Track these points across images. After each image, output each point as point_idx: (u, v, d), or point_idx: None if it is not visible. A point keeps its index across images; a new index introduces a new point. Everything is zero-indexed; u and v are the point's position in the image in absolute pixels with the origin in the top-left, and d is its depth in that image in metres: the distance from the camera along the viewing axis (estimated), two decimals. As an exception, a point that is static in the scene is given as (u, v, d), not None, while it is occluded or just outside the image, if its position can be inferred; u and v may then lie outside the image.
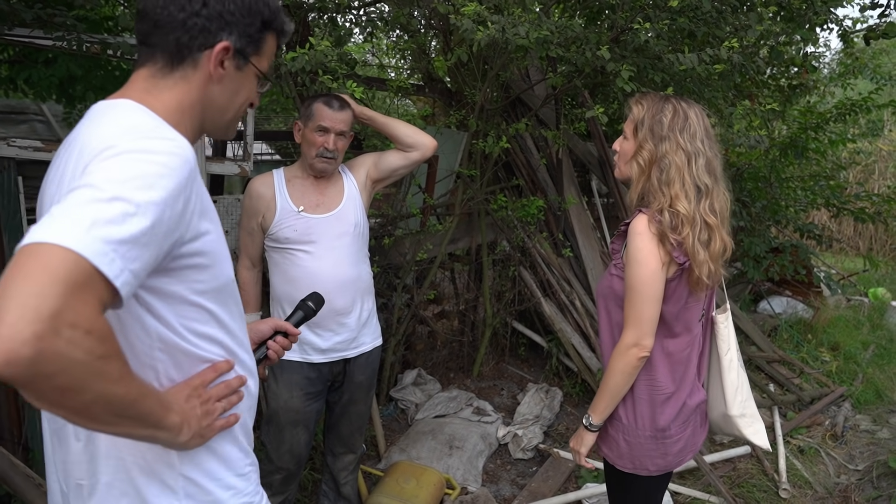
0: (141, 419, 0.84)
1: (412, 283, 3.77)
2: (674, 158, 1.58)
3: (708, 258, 1.57)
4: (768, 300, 5.61)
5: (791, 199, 5.55)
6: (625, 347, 1.61)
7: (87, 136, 0.90)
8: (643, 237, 1.56)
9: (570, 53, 2.68)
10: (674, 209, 1.56)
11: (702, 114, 1.65)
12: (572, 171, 4.29)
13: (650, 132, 1.62)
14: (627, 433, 1.71)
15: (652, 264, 1.56)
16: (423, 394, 3.84)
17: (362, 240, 2.32)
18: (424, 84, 4.31)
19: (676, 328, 1.66)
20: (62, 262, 0.69)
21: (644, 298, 1.57)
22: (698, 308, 1.70)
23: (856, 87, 6.35)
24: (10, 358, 0.65)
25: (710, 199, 1.59)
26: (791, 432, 3.73)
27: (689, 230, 1.55)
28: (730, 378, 1.79)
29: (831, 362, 4.72)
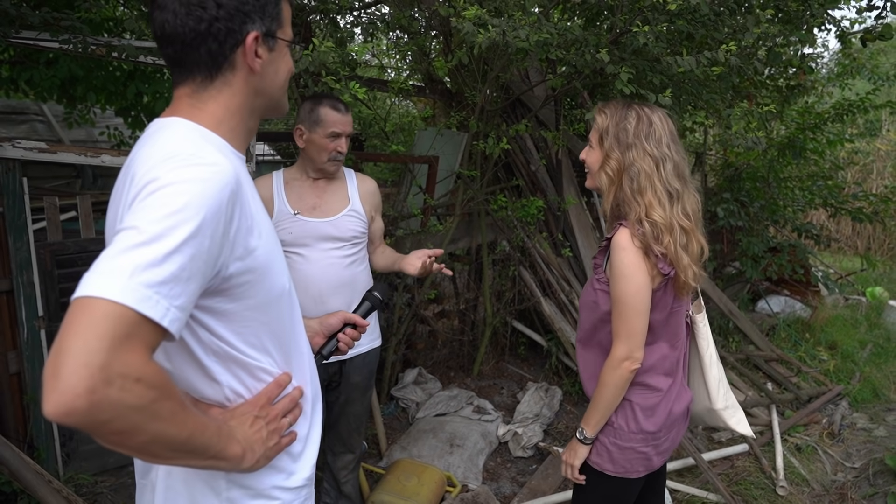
0: (200, 452, 0.88)
1: (413, 283, 3.80)
2: (642, 166, 1.58)
3: (690, 262, 1.59)
4: (766, 300, 5.64)
5: (789, 199, 5.58)
6: (617, 361, 1.61)
7: (139, 161, 0.92)
8: (628, 252, 1.57)
9: (570, 55, 2.71)
10: (650, 218, 1.56)
11: (665, 118, 1.65)
12: (572, 172, 4.32)
13: (616, 140, 1.62)
14: (618, 437, 1.71)
15: (639, 278, 1.56)
16: (424, 392, 3.87)
17: (360, 245, 2.32)
18: (425, 85, 4.34)
19: (664, 334, 1.68)
20: (107, 317, 0.74)
21: (633, 312, 1.58)
22: (683, 311, 1.72)
23: (854, 87, 6.39)
24: (68, 410, 0.72)
25: (682, 203, 1.60)
26: (788, 430, 3.76)
27: (670, 237, 1.56)
28: (712, 374, 1.83)
29: (829, 361, 4.75)
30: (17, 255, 2.73)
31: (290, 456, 1.10)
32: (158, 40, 0.99)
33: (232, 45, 0.99)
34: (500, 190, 4.16)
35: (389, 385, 3.88)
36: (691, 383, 1.90)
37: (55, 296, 2.88)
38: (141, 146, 0.97)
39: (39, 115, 6.28)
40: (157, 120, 1.02)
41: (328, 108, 2.15)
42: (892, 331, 5.41)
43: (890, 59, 10.41)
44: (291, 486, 1.09)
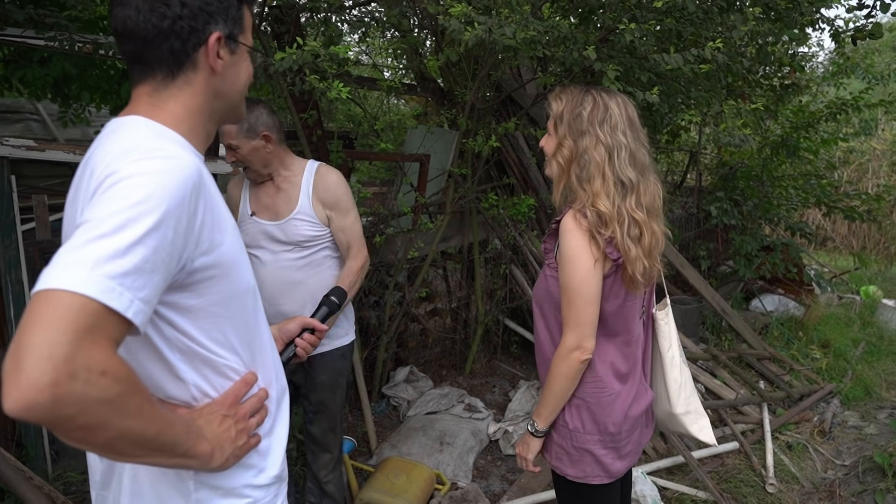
0: (167, 450, 0.87)
1: (404, 281, 3.80)
2: (593, 154, 1.51)
3: (641, 254, 1.51)
4: (760, 298, 5.65)
5: (783, 198, 5.59)
6: (566, 351, 1.54)
7: (97, 157, 0.91)
8: (574, 234, 1.49)
9: (559, 53, 2.71)
10: (595, 208, 1.49)
11: (625, 104, 1.58)
12: (564, 170, 4.32)
13: (569, 128, 1.55)
14: (575, 439, 1.63)
15: (586, 261, 1.49)
16: (415, 391, 3.87)
17: (315, 248, 2.22)
18: (417, 83, 4.34)
19: (616, 326, 1.61)
20: (70, 308, 0.73)
21: (581, 298, 1.50)
22: (637, 305, 1.65)
23: (848, 86, 6.39)
24: (30, 404, 0.70)
25: (637, 194, 1.52)
26: (779, 428, 3.77)
27: (617, 227, 1.49)
28: (672, 375, 1.75)
29: (821, 359, 4.75)
30: (6, 253, 2.72)
31: (259, 453, 1.09)
32: (119, 36, 0.98)
33: (195, 44, 0.98)
34: (492, 188, 4.17)
35: (381, 383, 3.88)
36: (653, 385, 1.83)
37: (44, 294, 2.87)
38: (99, 143, 0.97)
39: (34, 114, 6.27)
40: (114, 119, 1.00)
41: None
42: (885, 329, 5.42)
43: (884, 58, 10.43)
44: (261, 484, 1.08)
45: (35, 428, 2.88)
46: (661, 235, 1.58)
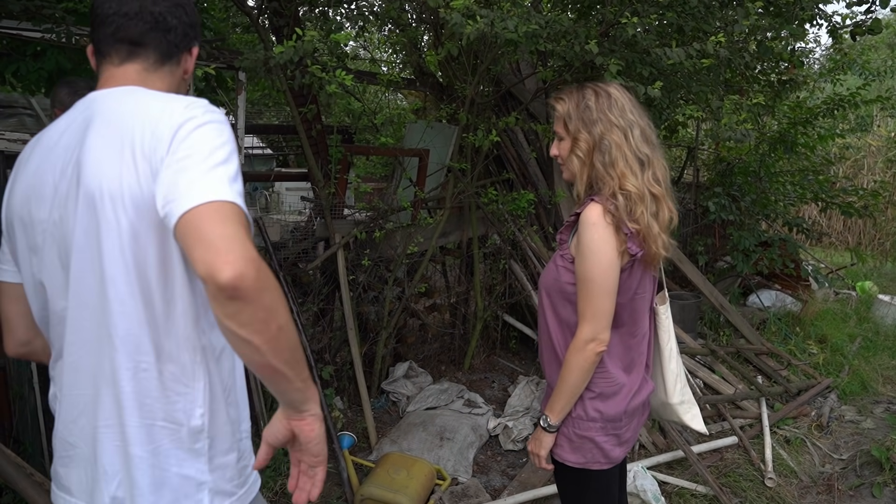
0: (300, 365, 0.97)
1: (403, 277, 3.79)
2: (612, 138, 1.54)
3: (661, 230, 1.54)
4: (757, 294, 5.66)
5: (780, 194, 5.60)
6: (582, 343, 1.55)
7: (131, 119, 1.02)
8: (598, 227, 1.51)
9: (560, 47, 2.70)
10: (625, 190, 1.52)
11: (622, 89, 1.63)
12: (563, 165, 4.31)
13: (581, 121, 1.58)
14: (577, 426, 1.65)
15: (609, 255, 1.51)
16: (415, 386, 3.87)
17: None
18: (416, 78, 4.33)
19: (624, 318, 1.63)
20: (236, 213, 0.92)
21: (601, 291, 1.52)
22: (647, 298, 1.67)
23: (845, 82, 6.40)
24: (242, 274, 0.86)
25: (653, 169, 1.56)
26: (778, 423, 3.78)
27: (643, 207, 1.51)
28: (670, 367, 1.79)
29: (818, 354, 4.77)
30: (3, 247, 2.70)
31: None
32: (128, 17, 1.12)
33: (185, 47, 1.20)
34: (491, 183, 4.16)
35: (380, 379, 3.87)
36: (651, 375, 1.86)
37: (41, 289, 2.85)
38: (111, 109, 1.06)
39: (28, 109, 6.22)
40: (112, 89, 1.11)
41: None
42: (880, 325, 5.44)
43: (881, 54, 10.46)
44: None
45: (32, 424, 2.86)
46: (674, 210, 1.60)
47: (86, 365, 1.06)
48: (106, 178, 1.00)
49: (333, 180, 3.30)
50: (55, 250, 1.07)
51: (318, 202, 3.34)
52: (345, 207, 3.47)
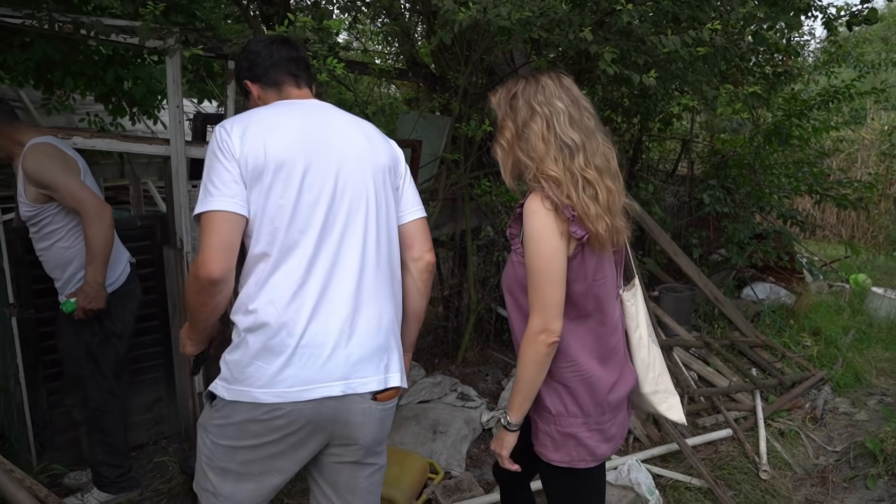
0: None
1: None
2: (532, 126, 1.54)
3: (601, 212, 1.51)
4: (752, 286, 5.65)
5: (775, 186, 5.58)
6: (532, 335, 1.52)
7: (371, 131, 1.73)
8: (537, 214, 1.49)
9: (554, 36, 2.66)
10: (545, 174, 1.51)
11: (559, 77, 1.60)
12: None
13: (508, 109, 1.59)
14: (559, 423, 1.63)
15: (550, 242, 1.49)
16: (408, 380, 3.83)
17: (37, 225, 2.46)
18: (408, 68, 4.27)
19: (588, 308, 1.59)
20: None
21: (546, 279, 1.49)
22: (609, 285, 1.63)
23: (840, 75, 6.38)
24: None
25: (585, 154, 1.52)
26: (772, 415, 3.77)
27: (571, 188, 1.49)
28: (640, 356, 1.75)
29: (812, 347, 4.77)
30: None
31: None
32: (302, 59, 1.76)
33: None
34: (485, 174, 4.11)
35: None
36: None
37: (27, 282, 2.80)
38: (348, 118, 1.71)
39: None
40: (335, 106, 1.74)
41: None
42: (874, 317, 5.44)
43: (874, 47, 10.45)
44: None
45: (19, 420, 2.81)
46: (618, 192, 1.57)
47: None
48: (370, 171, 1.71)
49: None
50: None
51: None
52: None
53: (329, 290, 1.49)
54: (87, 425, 2.72)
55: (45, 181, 2.39)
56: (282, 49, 1.69)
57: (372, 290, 1.55)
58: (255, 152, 1.46)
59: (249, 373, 1.43)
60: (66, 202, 2.43)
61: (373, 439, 1.58)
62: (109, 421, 2.72)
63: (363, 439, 1.55)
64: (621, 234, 1.59)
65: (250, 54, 1.70)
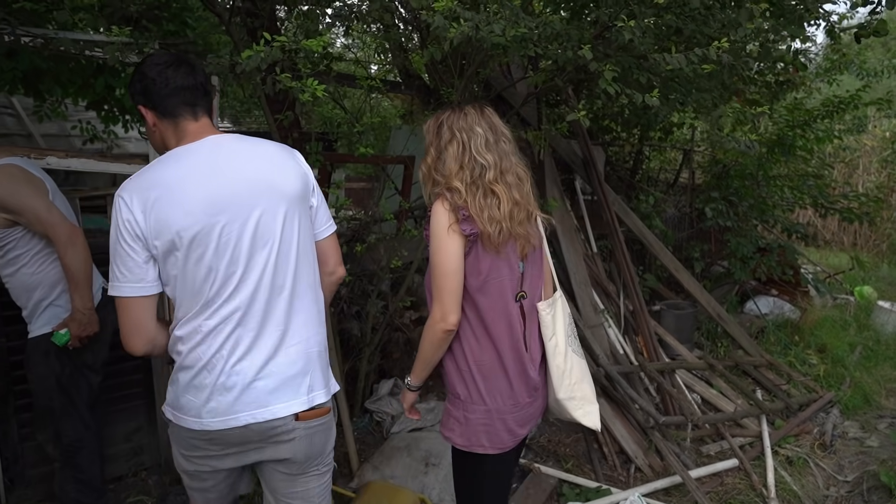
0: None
1: (387, 291, 3.61)
2: (449, 148, 1.73)
3: (498, 216, 1.68)
4: (755, 300, 5.50)
5: (778, 199, 5.44)
6: (433, 321, 1.71)
7: (284, 154, 1.71)
8: (436, 213, 1.69)
9: (551, 51, 2.52)
10: (451, 186, 1.70)
11: (481, 107, 1.80)
12: (555, 172, 4.15)
13: (434, 136, 1.78)
14: (466, 409, 1.79)
15: (445, 237, 1.66)
16: (400, 404, 3.68)
17: (5, 250, 2.33)
18: (402, 81, 4.13)
19: (483, 302, 1.74)
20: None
21: (441, 272, 1.67)
22: (505, 285, 1.75)
23: (842, 83, 6.25)
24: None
25: (497, 171, 1.71)
26: (779, 442, 3.63)
27: (469, 196, 1.67)
28: (555, 363, 1.87)
29: (818, 365, 4.63)
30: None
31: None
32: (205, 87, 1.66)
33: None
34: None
35: (363, 397, 3.69)
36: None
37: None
38: (250, 149, 1.64)
39: (9, 109, 6.00)
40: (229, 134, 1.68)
41: None
42: (881, 332, 5.30)
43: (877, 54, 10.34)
44: None
45: None
46: (525, 205, 1.75)
47: None
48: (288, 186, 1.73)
49: (312, 191, 3.11)
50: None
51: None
52: (325, 219, 3.28)
53: (251, 329, 1.57)
54: (61, 461, 2.57)
55: (9, 206, 2.25)
56: (178, 75, 1.58)
57: (300, 320, 1.64)
58: (163, 230, 1.47)
59: (182, 403, 1.59)
60: (34, 227, 2.30)
61: (304, 455, 1.68)
62: (84, 456, 2.57)
63: (295, 457, 1.66)
64: (526, 242, 1.75)
65: (144, 79, 1.58)
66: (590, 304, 3.99)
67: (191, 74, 1.59)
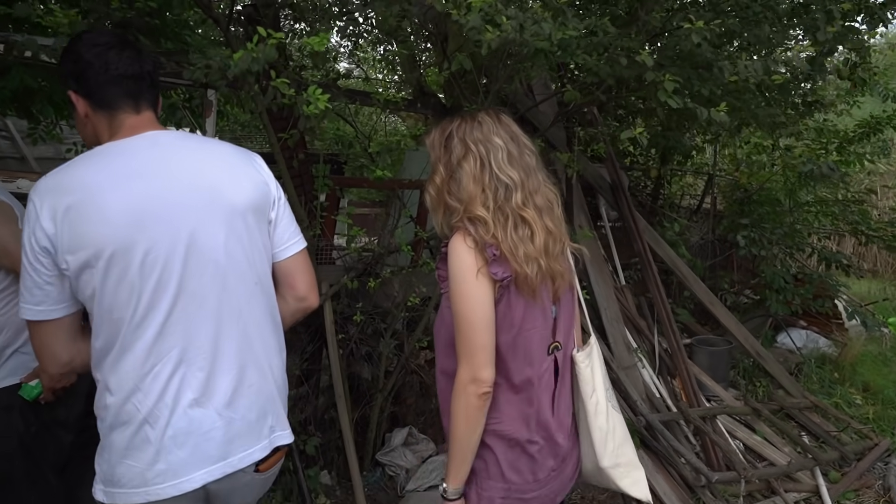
0: None
1: (402, 329, 3.24)
2: (465, 165, 1.41)
3: (534, 252, 1.39)
4: (789, 333, 5.13)
5: (813, 226, 5.11)
6: (461, 386, 1.37)
7: (245, 159, 1.47)
8: (458, 253, 1.37)
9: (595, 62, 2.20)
10: (472, 215, 1.39)
11: (496, 113, 1.49)
12: (582, 197, 3.82)
13: (442, 151, 1.46)
14: (480, 485, 1.47)
15: (473, 283, 1.35)
16: (415, 456, 3.30)
17: None
18: (416, 98, 3.82)
19: (514, 362, 1.43)
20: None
21: (470, 325, 1.35)
22: (539, 337, 1.45)
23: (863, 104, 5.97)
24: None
25: (524, 192, 1.41)
26: (839, 498, 3.24)
27: (499, 228, 1.37)
28: (597, 424, 1.58)
29: (865, 406, 4.25)
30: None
31: None
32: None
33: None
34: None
35: (374, 448, 3.30)
36: (579, 433, 1.67)
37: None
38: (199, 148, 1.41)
39: (3, 131, 5.73)
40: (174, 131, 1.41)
41: None
42: (925, 368, 4.92)
43: (895, 73, 10.10)
44: None
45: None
46: (559, 235, 1.47)
47: None
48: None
49: (319, 219, 2.77)
50: None
51: (301, 244, 2.80)
52: (333, 250, 2.93)
53: (199, 368, 1.33)
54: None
55: None
56: (121, 61, 1.32)
57: (258, 349, 1.41)
58: (77, 243, 1.22)
59: (119, 474, 1.32)
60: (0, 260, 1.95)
61: (253, 499, 1.50)
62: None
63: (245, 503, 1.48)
64: (562, 280, 1.46)
65: (79, 61, 1.32)
66: (623, 342, 3.62)
67: (136, 61, 1.34)
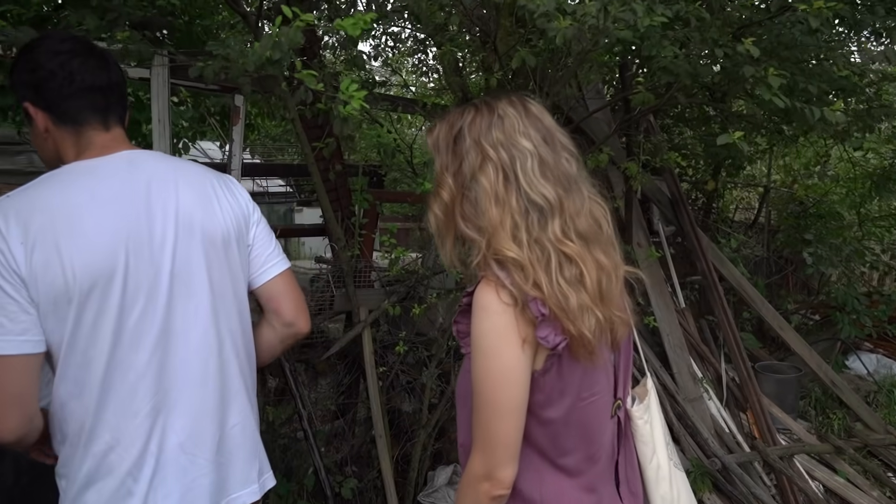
0: None
1: (447, 358, 2.95)
2: (482, 179, 1.03)
3: (588, 301, 1.00)
4: (860, 357, 4.72)
5: (883, 242, 4.73)
6: (472, 479, 1.05)
7: (219, 179, 1.34)
8: (489, 313, 1.00)
9: (680, 61, 1.90)
10: (499, 254, 1.00)
11: (523, 103, 1.08)
12: (641, 213, 3.50)
13: (450, 156, 1.09)
14: None
15: (507, 355, 0.99)
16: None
17: None
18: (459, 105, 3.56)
19: (568, 442, 1.09)
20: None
21: (497, 409, 1.01)
22: (603, 403, 1.11)
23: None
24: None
25: (563, 217, 1.02)
26: (945, 553, 2.84)
27: (541, 272, 0.99)
28: (660, 493, 1.32)
29: (953, 441, 3.82)
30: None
31: None
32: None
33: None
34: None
35: (416, 489, 3.00)
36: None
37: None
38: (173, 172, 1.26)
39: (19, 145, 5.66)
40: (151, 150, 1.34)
41: None
42: None
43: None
44: None
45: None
46: (614, 268, 1.07)
47: None
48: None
49: (358, 238, 2.51)
50: None
51: (337, 265, 2.54)
52: (373, 271, 2.67)
53: (185, 410, 1.21)
54: None
55: None
56: (86, 69, 1.18)
57: (237, 386, 1.29)
58: (49, 272, 1.08)
59: None
60: None
61: None
62: None
63: None
64: (623, 324, 1.08)
65: (38, 70, 1.17)
66: (687, 372, 3.28)
67: (104, 70, 1.21)
